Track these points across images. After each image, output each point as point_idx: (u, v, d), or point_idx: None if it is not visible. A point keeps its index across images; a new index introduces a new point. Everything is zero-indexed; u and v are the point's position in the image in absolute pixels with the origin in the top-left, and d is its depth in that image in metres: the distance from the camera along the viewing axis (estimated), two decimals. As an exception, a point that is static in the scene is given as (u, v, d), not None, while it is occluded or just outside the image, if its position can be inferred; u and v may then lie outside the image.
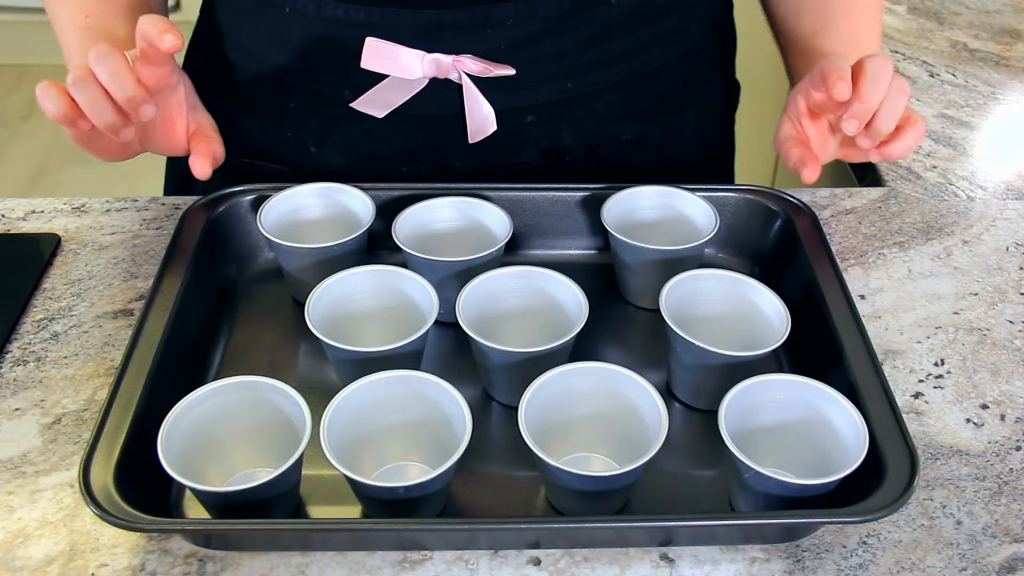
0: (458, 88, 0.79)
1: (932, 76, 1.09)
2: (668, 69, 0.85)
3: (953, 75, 1.09)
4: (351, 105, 0.80)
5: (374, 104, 0.80)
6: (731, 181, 1.01)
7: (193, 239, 0.74)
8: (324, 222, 0.77)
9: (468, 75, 0.77)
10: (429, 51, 0.76)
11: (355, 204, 0.77)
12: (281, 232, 0.74)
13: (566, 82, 0.82)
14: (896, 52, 1.13)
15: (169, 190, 0.96)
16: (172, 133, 0.76)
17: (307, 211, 0.78)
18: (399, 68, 0.76)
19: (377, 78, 0.78)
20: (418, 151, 0.84)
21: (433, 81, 0.78)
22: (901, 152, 0.74)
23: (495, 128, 0.81)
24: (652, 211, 0.78)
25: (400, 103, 0.80)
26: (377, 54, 0.76)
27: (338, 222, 0.77)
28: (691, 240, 0.74)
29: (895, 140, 0.73)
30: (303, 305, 0.66)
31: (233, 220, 0.78)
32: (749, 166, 1.19)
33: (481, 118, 0.80)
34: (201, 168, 0.73)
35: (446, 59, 0.76)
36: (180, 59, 0.81)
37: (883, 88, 0.69)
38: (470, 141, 0.82)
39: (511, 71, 0.77)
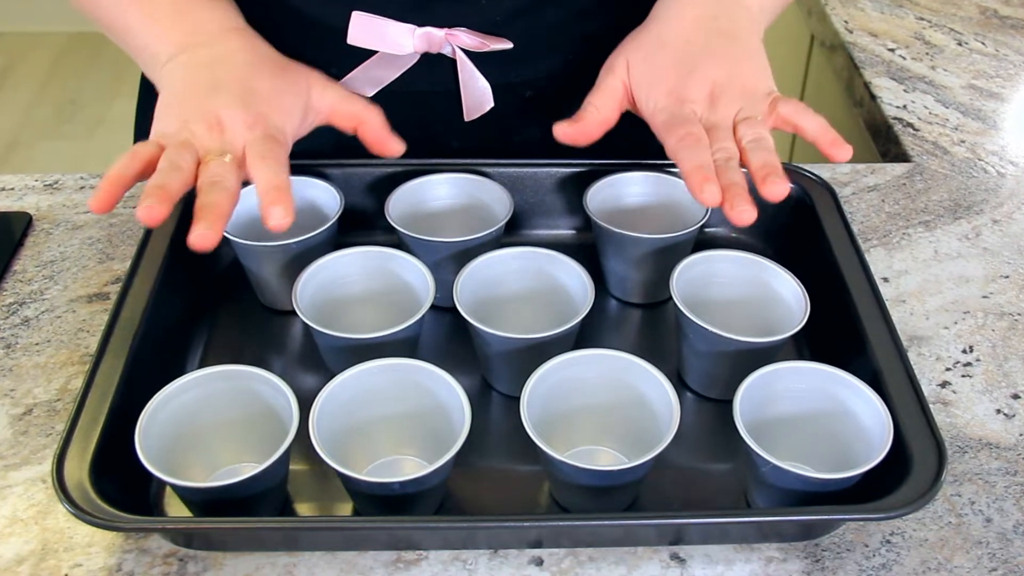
0: (452, 63, 0.78)
1: (960, 45, 1.08)
2: None
3: (983, 43, 1.08)
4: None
5: (362, 82, 0.79)
6: None
7: (173, 218, 0.73)
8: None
9: (462, 50, 0.76)
10: (420, 24, 0.75)
11: (320, 195, 0.73)
12: (244, 230, 0.70)
13: (566, 54, 0.81)
14: (922, 19, 1.13)
15: None
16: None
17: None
18: (388, 43, 0.76)
19: (365, 55, 0.77)
20: (411, 131, 0.83)
21: (425, 56, 0.77)
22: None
23: (492, 104, 0.80)
24: (639, 197, 0.77)
25: (390, 81, 0.79)
26: (364, 29, 0.75)
27: (303, 215, 0.72)
28: (684, 226, 0.72)
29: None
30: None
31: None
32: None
33: (477, 94, 0.79)
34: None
35: (438, 33, 0.75)
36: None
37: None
38: (466, 119, 0.81)
39: (508, 44, 0.77)
